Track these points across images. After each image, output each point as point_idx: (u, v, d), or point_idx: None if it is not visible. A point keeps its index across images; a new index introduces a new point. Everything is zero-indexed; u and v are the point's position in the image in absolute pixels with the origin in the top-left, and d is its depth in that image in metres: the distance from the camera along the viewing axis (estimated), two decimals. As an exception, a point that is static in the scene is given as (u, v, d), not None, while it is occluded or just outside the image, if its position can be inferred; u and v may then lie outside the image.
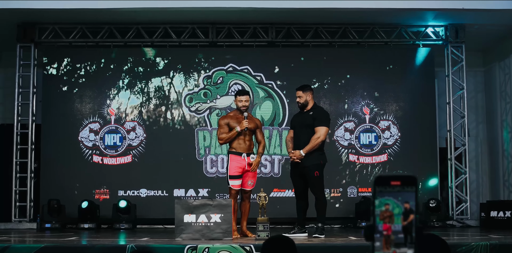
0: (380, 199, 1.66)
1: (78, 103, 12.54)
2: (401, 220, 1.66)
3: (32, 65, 12.36)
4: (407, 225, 1.66)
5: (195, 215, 7.77)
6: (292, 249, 4.00)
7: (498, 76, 13.42)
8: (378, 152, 12.56)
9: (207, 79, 12.61)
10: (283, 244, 3.97)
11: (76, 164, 12.33)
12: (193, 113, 12.53)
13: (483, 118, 13.92)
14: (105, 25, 12.37)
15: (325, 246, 6.90)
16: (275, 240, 4.08)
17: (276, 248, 3.96)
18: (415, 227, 1.65)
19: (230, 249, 6.45)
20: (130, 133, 12.45)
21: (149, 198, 12.29)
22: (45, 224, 11.36)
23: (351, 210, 12.13)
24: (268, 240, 4.13)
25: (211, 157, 12.42)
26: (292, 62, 12.72)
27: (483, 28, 12.43)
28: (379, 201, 1.66)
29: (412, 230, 1.66)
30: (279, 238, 4.08)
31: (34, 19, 12.16)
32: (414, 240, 1.65)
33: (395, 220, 1.65)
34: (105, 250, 6.54)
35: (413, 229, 1.66)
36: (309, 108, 8.62)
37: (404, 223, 1.66)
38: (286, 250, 3.95)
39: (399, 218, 1.66)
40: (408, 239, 1.65)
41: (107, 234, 9.77)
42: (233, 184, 8.37)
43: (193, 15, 11.93)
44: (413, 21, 12.40)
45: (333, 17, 12.12)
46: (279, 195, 12.22)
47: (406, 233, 1.66)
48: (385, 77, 12.74)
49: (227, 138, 8.40)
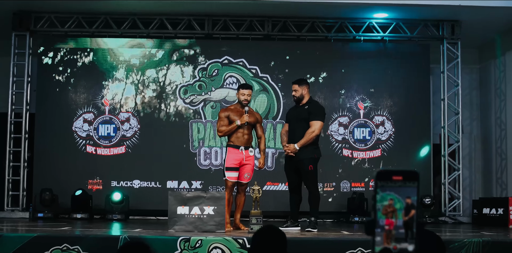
0: (381, 193, 1.65)
1: (73, 93, 12.50)
2: (402, 215, 1.66)
3: (27, 54, 12.31)
4: (408, 220, 1.66)
5: (188, 207, 7.77)
6: (281, 240, 4.00)
7: (494, 73, 13.44)
8: (372, 147, 12.57)
9: (202, 72, 12.60)
10: (273, 234, 3.97)
11: (70, 154, 12.31)
12: (188, 105, 12.52)
13: (477, 115, 13.95)
14: (101, 15, 12.33)
15: (318, 240, 6.90)
16: (265, 230, 4.08)
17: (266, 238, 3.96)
18: (416, 222, 1.65)
19: (223, 242, 6.46)
20: (124, 123, 12.43)
21: (142, 189, 12.28)
22: (38, 214, 11.35)
23: (343, 204, 12.16)
24: (258, 231, 4.12)
25: (205, 149, 12.42)
26: (287, 55, 12.71)
27: (479, 25, 12.43)
28: (381, 195, 1.65)
29: (413, 225, 1.65)
30: (269, 229, 4.08)
31: (30, 8, 12.11)
32: (415, 235, 1.65)
33: (397, 215, 1.65)
34: (98, 240, 6.53)
35: (414, 224, 1.65)
36: (304, 102, 8.62)
37: (405, 218, 1.66)
38: (275, 241, 3.95)
39: (401, 213, 1.65)
40: (409, 234, 1.65)
41: (99, 225, 9.76)
42: (229, 176, 8.37)
43: (190, 6, 11.90)
44: (409, 17, 12.39)
45: (329, 11, 12.11)
46: (272, 189, 12.23)
47: (407, 228, 1.66)
48: (380, 72, 12.74)
49: (227, 131, 8.41)
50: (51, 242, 6.47)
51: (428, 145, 12.59)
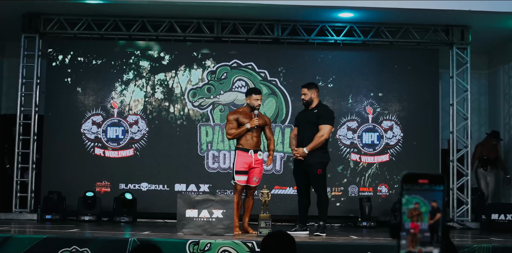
0: (407, 197, 1.65)
1: (82, 95, 12.52)
2: (428, 218, 1.65)
3: (36, 56, 12.32)
4: (434, 223, 1.65)
5: (197, 210, 7.78)
6: (291, 245, 3.99)
7: (502, 79, 13.41)
8: (380, 151, 12.55)
9: (211, 75, 12.60)
10: (283, 239, 3.97)
11: (78, 156, 12.31)
12: (196, 108, 12.52)
13: (486, 121, 13.92)
14: (110, 17, 12.34)
15: (327, 244, 6.90)
16: (275, 236, 4.07)
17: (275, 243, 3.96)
18: (441, 226, 1.64)
19: (232, 245, 6.45)
20: (133, 126, 12.44)
21: (150, 192, 12.28)
22: (46, 215, 11.37)
23: (352, 209, 12.14)
24: (268, 235, 4.12)
25: (213, 152, 12.41)
26: (296, 59, 12.71)
27: (489, 31, 12.41)
28: (407, 199, 1.64)
29: (438, 229, 1.64)
30: (279, 234, 4.07)
31: (39, 10, 12.14)
32: (440, 239, 1.64)
33: (423, 218, 1.64)
34: (107, 243, 6.55)
35: (439, 228, 1.64)
36: (313, 106, 8.63)
37: (431, 221, 1.65)
38: (285, 246, 3.94)
39: (426, 216, 1.64)
40: (435, 238, 1.64)
41: (108, 227, 9.75)
42: (239, 180, 8.37)
43: (199, 9, 11.90)
44: (418, 22, 12.37)
45: (338, 15, 12.10)
46: (280, 192, 12.21)
47: (433, 232, 1.65)
48: (389, 77, 12.73)
49: (236, 133, 8.42)
50: (60, 244, 6.49)
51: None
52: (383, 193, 12.41)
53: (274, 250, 3.97)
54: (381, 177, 12.46)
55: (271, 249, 3.98)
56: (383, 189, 12.42)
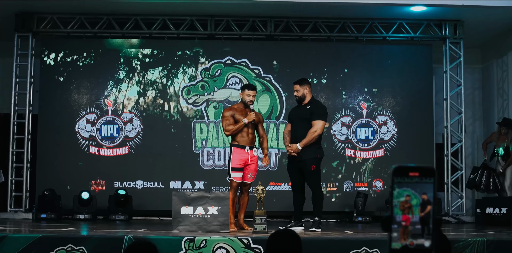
0: (398, 189, 1.65)
1: (75, 94, 12.50)
2: (418, 211, 1.66)
3: (29, 55, 12.30)
4: (425, 216, 1.66)
5: (192, 207, 7.78)
6: (297, 243, 4.00)
7: (496, 73, 13.44)
8: (375, 147, 12.57)
9: (205, 72, 12.60)
10: (289, 238, 3.97)
11: (73, 154, 12.30)
12: (190, 106, 12.52)
13: (480, 115, 13.95)
14: (103, 16, 12.33)
15: (322, 239, 6.90)
16: (281, 234, 4.07)
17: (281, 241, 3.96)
18: (432, 219, 1.65)
19: (228, 242, 6.46)
20: (127, 124, 12.43)
21: (145, 189, 12.28)
22: (41, 214, 11.35)
23: (347, 204, 12.16)
24: (274, 233, 4.12)
25: (208, 149, 12.41)
26: (290, 56, 12.71)
27: (482, 25, 12.43)
28: (398, 191, 1.65)
29: (429, 221, 1.65)
30: (285, 232, 4.08)
31: (32, 9, 12.12)
32: (431, 231, 1.65)
33: (414, 211, 1.65)
34: (102, 241, 6.54)
35: (430, 220, 1.65)
36: (306, 102, 8.64)
37: (422, 214, 1.66)
38: (291, 244, 3.95)
39: (417, 209, 1.65)
40: (425, 230, 1.65)
41: (103, 225, 9.75)
42: (234, 176, 8.38)
43: (192, 7, 11.90)
44: (412, 16, 12.38)
45: (332, 11, 12.10)
46: (275, 189, 12.22)
47: (424, 224, 1.66)
48: (383, 72, 12.74)
49: (234, 129, 8.42)
50: (55, 242, 6.48)
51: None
52: (378, 188, 12.43)
53: (280, 248, 3.97)
54: (376, 172, 12.48)
55: (277, 248, 3.98)
56: (378, 184, 12.45)
